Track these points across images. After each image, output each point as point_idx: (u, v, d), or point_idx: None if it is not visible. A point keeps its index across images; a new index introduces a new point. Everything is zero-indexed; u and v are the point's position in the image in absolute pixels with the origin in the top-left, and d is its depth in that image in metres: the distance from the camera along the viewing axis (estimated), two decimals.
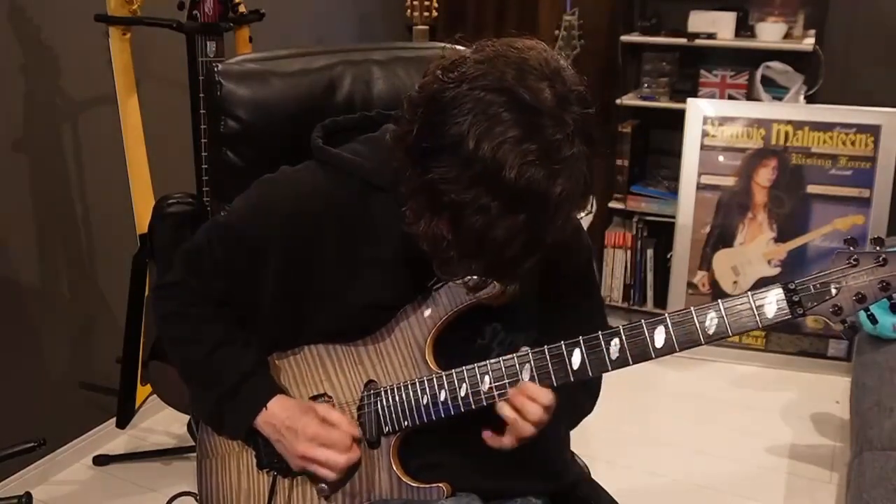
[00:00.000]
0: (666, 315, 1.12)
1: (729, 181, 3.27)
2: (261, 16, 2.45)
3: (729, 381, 3.14)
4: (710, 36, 3.31)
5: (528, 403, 1.14)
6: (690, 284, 3.33)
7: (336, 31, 3.47)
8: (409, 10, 2.96)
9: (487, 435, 1.19)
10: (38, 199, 2.37)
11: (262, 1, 2.46)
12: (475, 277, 1.13)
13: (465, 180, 0.98)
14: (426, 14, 2.95)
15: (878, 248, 1.06)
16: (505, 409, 1.16)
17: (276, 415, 1.23)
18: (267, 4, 2.48)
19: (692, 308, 1.11)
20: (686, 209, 3.31)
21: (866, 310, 1.08)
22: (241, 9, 2.38)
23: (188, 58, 2.26)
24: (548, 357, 1.15)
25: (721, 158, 3.27)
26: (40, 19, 2.28)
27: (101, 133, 2.45)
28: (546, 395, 1.15)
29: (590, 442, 1.69)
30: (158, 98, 2.54)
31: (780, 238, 3.23)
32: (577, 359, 1.14)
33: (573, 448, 1.46)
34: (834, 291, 1.07)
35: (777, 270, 3.24)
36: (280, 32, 2.88)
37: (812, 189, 3.19)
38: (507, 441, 1.18)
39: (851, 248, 1.08)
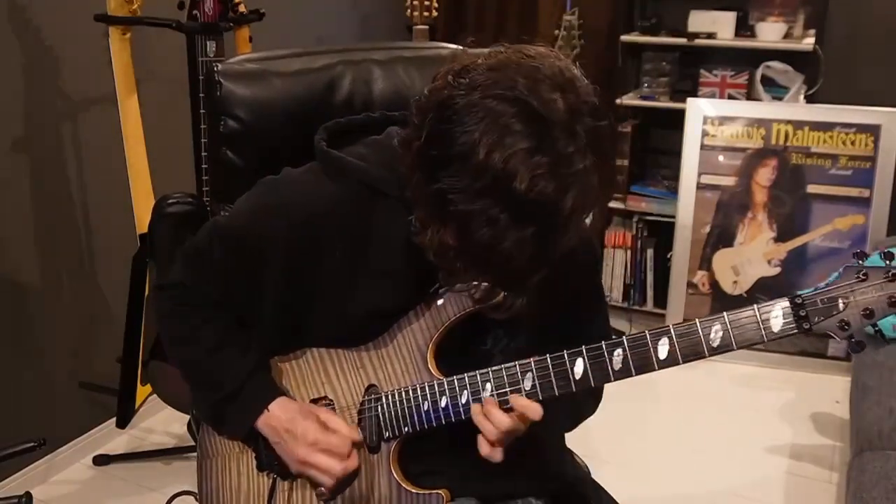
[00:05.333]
0: (670, 326, 1.10)
1: (729, 181, 3.27)
2: (261, 16, 2.45)
3: (729, 381, 3.14)
4: (710, 36, 3.31)
5: (498, 415, 1.13)
6: (690, 284, 3.33)
7: (336, 31, 3.47)
8: (409, 10, 2.96)
9: (481, 439, 1.16)
10: (38, 199, 2.37)
11: (262, 1, 2.46)
12: (482, 287, 1.12)
13: (474, 191, 0.97)
14: (426, 14, 2.95)
15: (887, 262, 1.04)
16: (477, 418, 1.15)
17: (277, 417, 1.23)
18: (267, 4, 2.48)
19: (697, 320, 1.09)
20: (686, 209, 3.31)
21: (873, 325, 1.06)
22: (241, 9, 2.38)
23: (188, 58, 2.26)
24: (550, 365, 1.14)
25: (721, 158, 3.27)
26: (40, 19, 2.28)
27: (101, 133, 2.45)
28: (530, 410, 1.13)
29: (590, 441, 1.70)
30: (158, 98, 2.54)
31: (780, 238, 3.23)
32: (579, 368, 1.13)
33: (574, 448, 1.46)
34: (842, 306, 1.05)
35: (777, 270, 3.24)
36: (280, 32, 2.88)
37: (812, 189, 3.19)
38: (497, 454, 1.15)
39: (860, 262, 1.06)
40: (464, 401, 1.18)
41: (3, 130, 2.26)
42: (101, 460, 2.58)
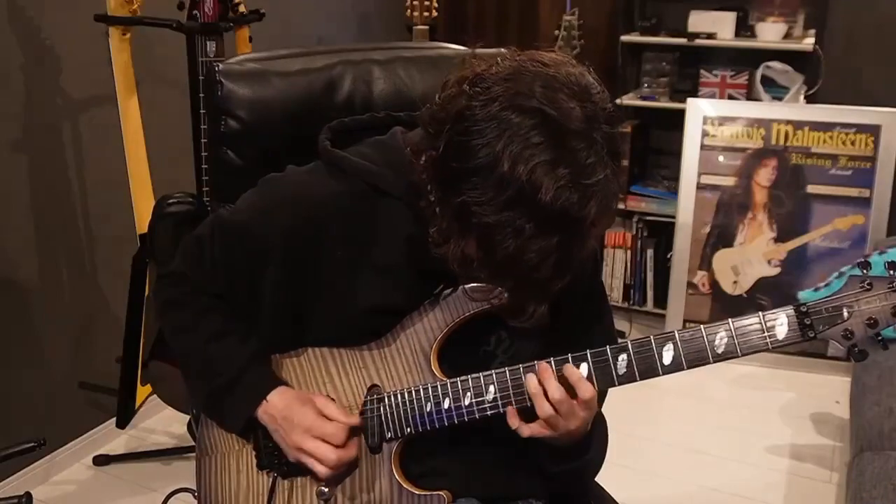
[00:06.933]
0: (675, 332, 1.11)
1: (729, 181, 3.27)
2: (261, 16, 2.45)
3: (729, 381, 3.14)
4: (710, 36, 3.31)
5: (552, 382, 1.12)
6: (690, 284, 3.33)
7: (336, 31, 3.47)
8: (409, 10, 2.96)
9: (511, 411, 1.16)
10: (38, 199, 2.37)
11: (262, 1, 2.46)
12: (503, 296, 1.12)
13: (499, 203, 0.97)
14: (426, 14, 2.94)
15: (891, 272, 1.05)
16: (531, 381, 1.13)
17: (275, 405, 1.23)
18: (267, 4, 2.48)
19: (702, 326, 1.10)
20: (686, 209, 3.31)
21: (878, 335, 1.07)
22: (241, 9, 2.38)
23: (188, 58, 2.26)
24: (554, 370, 1.14)
25: (721, 158, 3.27)
26: (40, 19, 2.28)
27: (101, 133, 2.45)
28: (582, 385, 1.12)
29: None
30: (158, 98, 2.54)
31: (780, 238, 3.23)
32: (583, 372, 1.13)
33: None
34: (846, 315, 1.06)
35: (777, 270, 3.24)
36: (280, 32, 2.88)
37: (812, 189, 3.19)
38: (525, 429, 1.15)
39: (864, 272, 1.06)
40: (466, 403, 1.18)
41: (3, 130, 2.26)
42: (101, 460, 2.58)
